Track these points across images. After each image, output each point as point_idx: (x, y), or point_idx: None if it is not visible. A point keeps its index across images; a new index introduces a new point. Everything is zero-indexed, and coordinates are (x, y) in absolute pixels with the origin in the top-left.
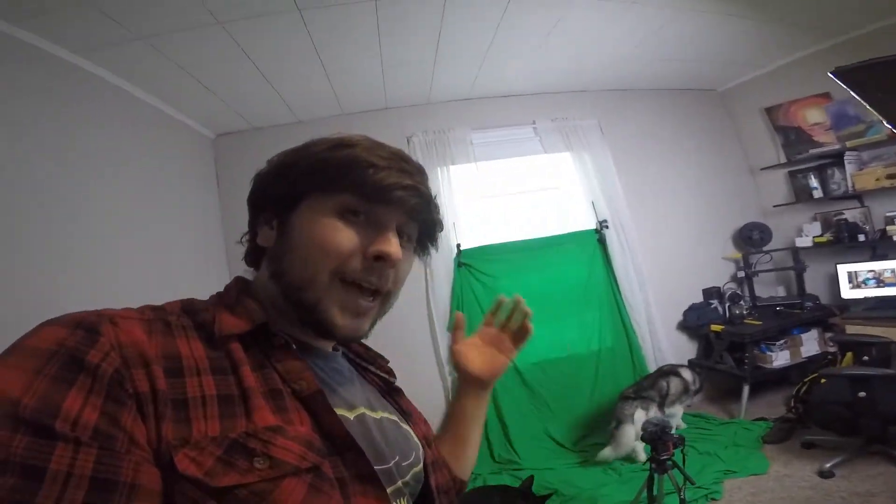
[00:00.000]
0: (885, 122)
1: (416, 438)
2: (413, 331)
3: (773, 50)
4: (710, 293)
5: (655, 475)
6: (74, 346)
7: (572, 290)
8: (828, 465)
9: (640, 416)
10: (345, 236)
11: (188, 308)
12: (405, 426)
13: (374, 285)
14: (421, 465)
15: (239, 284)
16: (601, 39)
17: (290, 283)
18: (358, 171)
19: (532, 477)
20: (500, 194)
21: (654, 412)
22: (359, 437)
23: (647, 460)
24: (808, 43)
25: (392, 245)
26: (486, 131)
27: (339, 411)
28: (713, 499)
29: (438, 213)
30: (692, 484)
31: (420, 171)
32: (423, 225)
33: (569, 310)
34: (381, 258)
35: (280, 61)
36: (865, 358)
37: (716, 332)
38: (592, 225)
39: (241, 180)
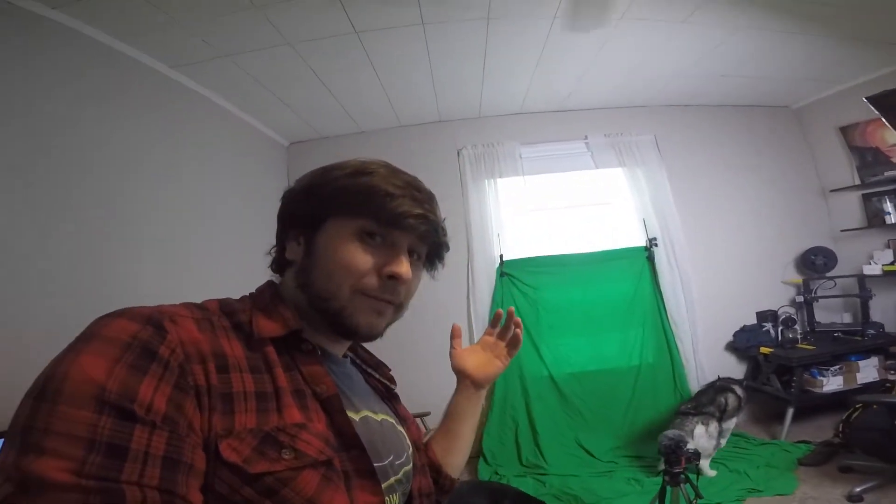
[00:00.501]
0: None
1: (408, 441)
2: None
3: (850, 67)
4: (764, 316)
5: (668, 488)
6: (147, 339)
7: (616, 305)
8: (857, 490)
9: (700, 431)
10: (363, 258)
11: (226, 309)
12: (400, 428)
13: (387, 299)
14: (411, 465)
15: (271, 289)
16: (654, 57)
17: (318, 295)
18: (376, 199)
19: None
20: (548, 208)
21: (713, 427)
22: (362, 437)
23: (659, 472)
24: (890, 60)
25: (403, 266)
26: (536, 146)
27: (348, 413)
28: None
29: (445, 235)
30: (700, 498)
31: (430, 198)
32: (432, 246)
33: (611, 325)
34: (394, 277)
35: (343, 78)
36: None
37: (764, 355)
38: (642, 242)
39: None
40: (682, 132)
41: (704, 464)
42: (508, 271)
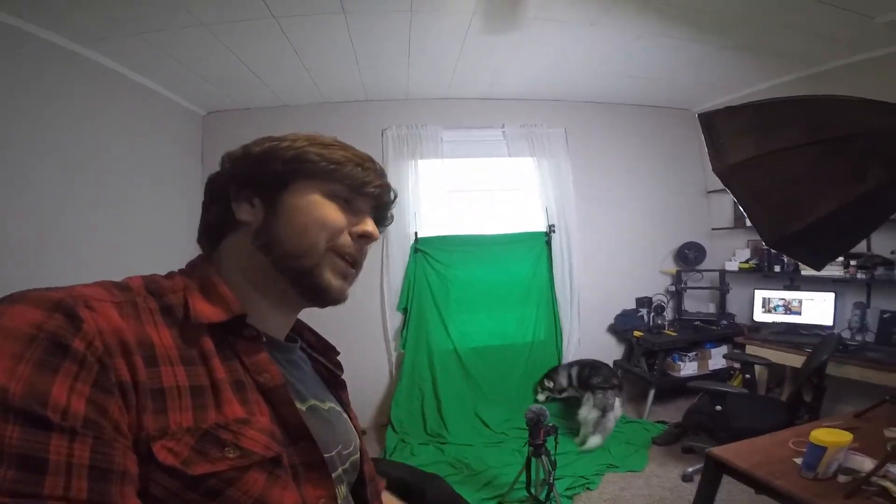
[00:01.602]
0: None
1: (354, 429)
2: (366, 307)
3: (744, 75)
4: (641, 302)
5: (533, 459)
6: (55, 330)
7: (516, 285)
8: (689, 470)
9: (617, 403)
10: (338, 215)
11: (152, 288)
12: (346, 416)
13: (354, 257)
14: (358, 453)
15: (207, 265)
16: (566, 56)
17: (288, 253)
18: (350, 168)
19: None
20: (463, 191)
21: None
22: (310, 428)
23: (524, 444)
24: (783, 71)
25: (372, 226)
26: (457, 130)
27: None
28: (588, 488)
29: (393, 206)
30: (553, 469)
31: (385, 173)
32: (381, 216)
33: (511, 303)
34: (365, 236)
35: (263, 57)
36: (748, 376)
37: (637, 338)
38: (543, 228)
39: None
40: (589, 127)
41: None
42: (422, 248)
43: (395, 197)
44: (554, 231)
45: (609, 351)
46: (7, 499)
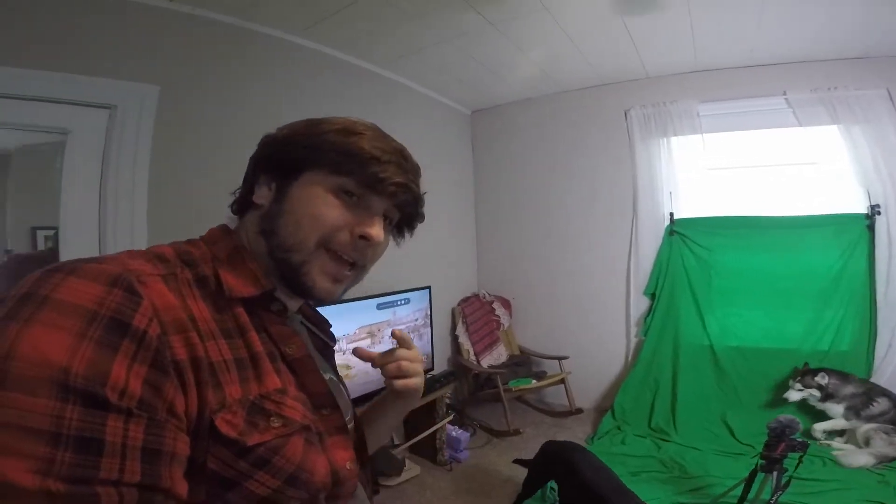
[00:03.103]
0: None
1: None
2: (610, 288)
3: None
4: None
5: (760, 474)
6: (117, 307)
7: (813, 278)
8: None
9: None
10: (337, 212)
11: (185, 258)
12: (342, 386)
13: (353, 259)
14: (354, 421)
15: (230, 238)
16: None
17: (280, 244)
18: (360, 160)
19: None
20: (732, 167)
21: None
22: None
23: (756, 455)
24: None
25: (376, 228)
26: (717, 104)
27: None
28: None
29: (422, 207)
30: (781, 492)
31: (415, 170)
32: (405, 215)
33: (802, 301)
34: (365, 238)
35: (499, 55)
36: None
37: None
38: (860, 209)
39: (492, 147)
40: None
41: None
42: (680, 230)
43: (421, 199)
44: (879, 213)
45: None
46: (62, 485)
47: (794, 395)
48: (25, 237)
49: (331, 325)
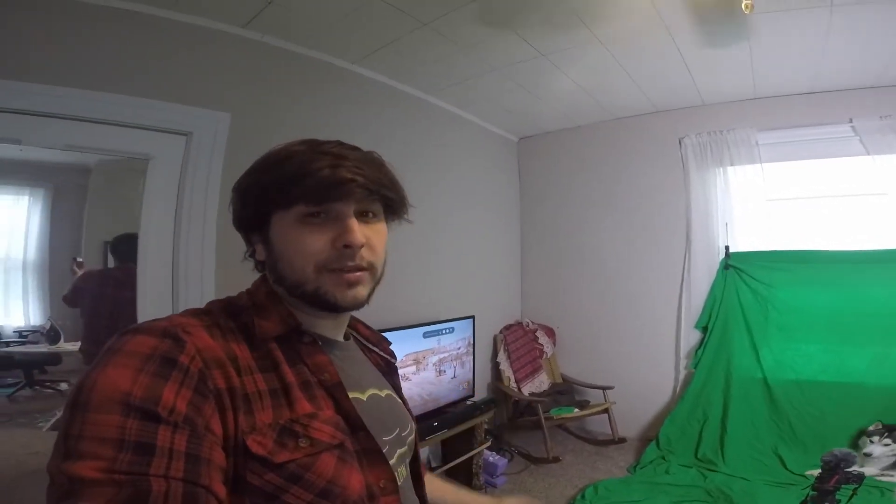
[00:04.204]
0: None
1: (408, 412)
2: (661, 319)
3: None
4: None
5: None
6: (167, 349)
7: (880, 315)
8: None
9: None
10: (312, 239)
11: (230, 310)
12: (400, 401)
13: (352, 267)
14: (414, 434)
15: (265, 286)
16: None
17: (291, 285)
18: (301, 182)
19: None
20: (792, 198)
21: None
22: (371, 414)
23: (808, 486)
24: None
25: (352, 233)
26: (777, 132)
27: (354, 394)
28: None
29: (390, 189)
30: None
31: (360, 159)
32: (383, 200)
33: (865, 336)
34: (348, 246)
35: (548, 85)
36: None
37: None
38: None
39: (539, 174)
40: None
41: None
42: (736, 264)
43: (382, 181)
44: None
45: None
46: (123, 476)
47: (877, 450)
48: (96, 251)
49: (390, 343)
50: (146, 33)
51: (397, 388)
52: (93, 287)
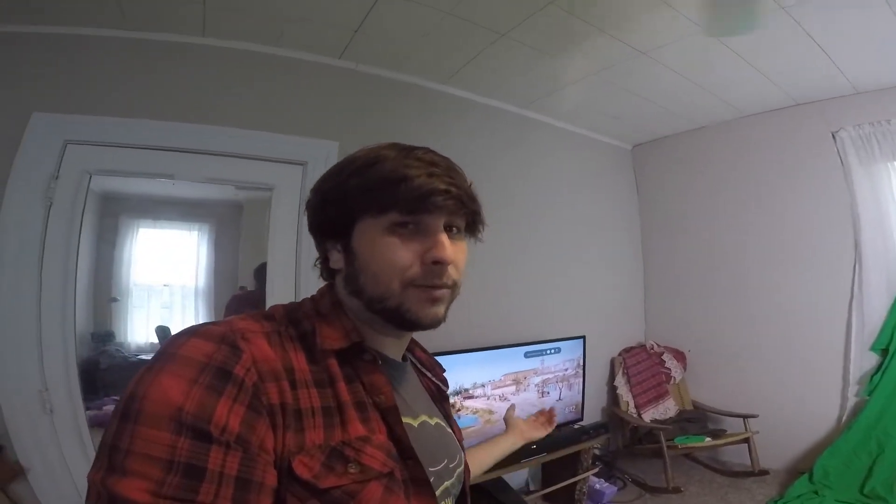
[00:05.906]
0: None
1: (458, 442)
2: (824, 341)
3: None
4: None
5: None
6: (223, 359)
7: None
8: None
9: None
10: (402, 252)
11: (292, 317)
12: (449, 431)
13: (438, 284)
14: (462, 466)
15: (331, 294)
16: None
17: (371, 298)
18: (394, 189)
19: None
20: None
21: None
22: (421, 442)
23: None
24: None
25: (444, 249)
26: None
27: (406, 419)
28: None
29: (475, 202)
30: None
31: (450, 169)
32: (468, 216)
33: None
34: (438, 262)
35: (657, 86)
36: None
37: None
38: None
39: (660, 183)
40: None
41: None
42: None
43: (469, 194)
44: None
45: None
46: (169, 501)
47: None
48: (250, 278)
49: (444, 370)
50: (261, 70)
51: (448, 417)
52: (236, 307)
